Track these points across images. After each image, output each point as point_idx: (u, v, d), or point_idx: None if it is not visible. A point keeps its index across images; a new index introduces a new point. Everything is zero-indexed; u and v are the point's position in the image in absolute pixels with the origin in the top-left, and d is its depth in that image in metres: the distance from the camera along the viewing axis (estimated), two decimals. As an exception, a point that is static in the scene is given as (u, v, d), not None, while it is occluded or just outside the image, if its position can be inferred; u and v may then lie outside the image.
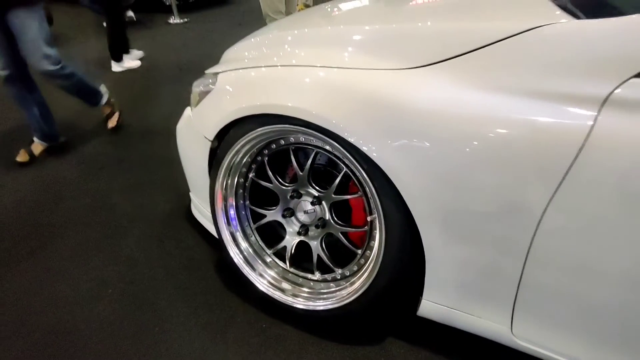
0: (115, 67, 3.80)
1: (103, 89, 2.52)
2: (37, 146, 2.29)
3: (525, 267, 0.92)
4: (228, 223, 1.31)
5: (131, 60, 3.86)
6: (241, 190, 1.30)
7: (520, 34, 0.85)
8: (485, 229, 0.92)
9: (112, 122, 2.53)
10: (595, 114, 0.75)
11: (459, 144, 0.87)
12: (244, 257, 1.31)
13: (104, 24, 5.20)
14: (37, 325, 1.33)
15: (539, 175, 0.81)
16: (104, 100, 2.50)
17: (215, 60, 1.49)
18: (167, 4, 5.61)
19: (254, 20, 5.24)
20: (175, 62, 3.96)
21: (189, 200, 1.68)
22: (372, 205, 1.05)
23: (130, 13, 5.39)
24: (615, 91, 0.74)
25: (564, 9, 0.92)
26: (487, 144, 0.85)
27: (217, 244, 1.50)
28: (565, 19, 0.85)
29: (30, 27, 1.95)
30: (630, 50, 0.74)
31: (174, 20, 5.50)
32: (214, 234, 1.45)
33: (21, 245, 1.68)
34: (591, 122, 0.75)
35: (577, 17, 0.86)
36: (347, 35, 1.13)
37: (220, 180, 1.24)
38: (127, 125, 2.65)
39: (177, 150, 1.52)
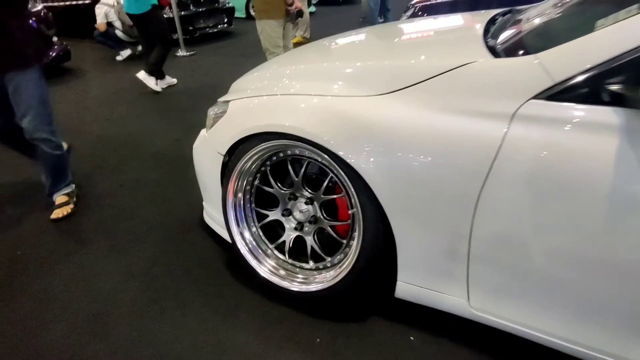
0: (153, 85, 4.24)
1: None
2: None
3: (470, 245, 1.18)
4: (237, 222, 1.58)
5: (170, 78, 4.44)
6: (248, 196, 1.58)
7: (456, 68, 1.14)
8: (438, 216, 1.18)
9: (57, 214, 2.15)
10: (507, 124, 1.03)
11: (414, 151, 1.15)
12: (249, 249, 1.58)
13: (116, 58, 5.63)
14: (77, 311, 1.58)
15: (471, 171, 1.08)
16: (69, 190, 2.26)
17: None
18: (175, 37, 6.03)
19: (255, 52, 5.64)
20: (184, 91, 4.31)
21: (201, 210, 1.96)
22: (353, 202, 1.32)
23: (140, 47, 5.80)
24: (520, 108, 1.03)
25: (491, 49, 1.22)
26: (434, 150, 1.13)
27: (227, 246, 1.77)
28: (489, 57, 1.15)
29: (25, 88, 1.90)
30: (528, 79, 1.03)
31: (181, 53, 5.91)
32: (225, 237, 1.72)
33: (58, 250, 1.94)
34: (505, 130, 1.03)
35: (498, 56, 1.16)
36: (332, 71, 1.44)
37: (232, 182, 1.52)
38: (142, 147, 2.95)
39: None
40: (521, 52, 1.14)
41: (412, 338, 1.42)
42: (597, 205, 0.96)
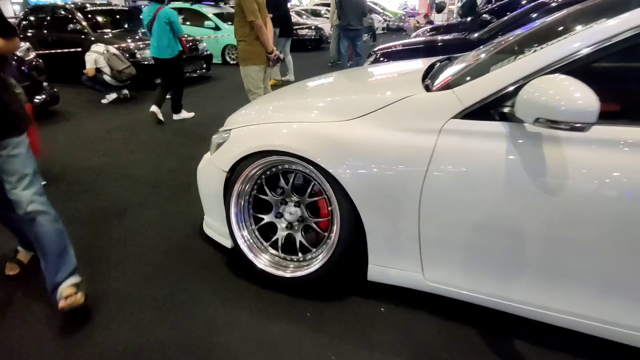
0: (175, 117, 5.13)
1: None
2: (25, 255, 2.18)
3: (419, 227, 1.59)
4: (238, 225, 1.95)
5: (185, 113, 5.20)
6: (247, 204, 1.96)
7: (402, 99, 1.61)
8: (395, 207, 1.60)
9: (66, 302, 1.76)
10: (437, 137, 1.49)
11: (375, 159, 1.58)
12: (248, 246, 1.94)
13: (102, 101, 5.97)
14: (104, 305, 1.86)
15: (414, 171, 1.51)
16: (74, 281, 1.84)
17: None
18: (158, 82, 6.45)
19: (233, 94, 6.16)
20: (171, 129, 4.68)
21: (200, 225, 2.31)
22: (331, 201, 1.72)
23: (125, 91, 6.19)
24: (444, 125, 1.49)
25: (426, 87, 1.71)
26: (389, 156, 1.56)
27: (226, 252, 2.12)
28: (423, 92, 1.63)
29: (19, 156, 1.74)
30: (448, 105, 1.49)
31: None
32: (224, 244, 2.08)
33: (78, 259, 2.20)
34: (435, 141, 1.49)
35: (430, 91, 1.64)
36: (308, 104, 1.89)
37: (237, 186, 1.89)
38: (140, 177, 3.28)
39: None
40: (445, 87, 1.62)
41: (382, 309, 1.80)
42: (499, 189, 1.40)
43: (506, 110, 1.40)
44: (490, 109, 1.43)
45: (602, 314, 1.43)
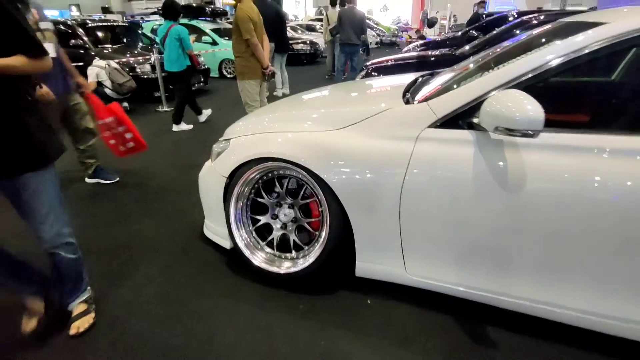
0: (175, 128, 5.32)
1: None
2: None
3: (400, 225, 1.78)
4: (237, 226, 2.12)
5: (185, 125, 5.35)
6: (245, 207, 2.14)
7: (384, 111, 1.81)
8: (378, 207, 1.78)
9: (77, 327, 1.82)
10: (414, 144, 1.68)
11: (361, 164, 1.77)
12: (245, 245, 2.12)
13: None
14: (114, 302, 2.02)
15: (395, 175, 1.71)
16: (85, 296, 1.93)
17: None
18: (157, 95, 6.67)
19: (230, 107, 6.36)
20: (170, 140, 4.87)
21: (200, 228, 2.47)
22: (322, 203, 1.90)
23: (125, 103, 6.38)
24: (420, 133, 1.69)
25: (406, 101, 1.91)
26: (372, 161, 1.75)
27: (225, 252, 2.29)
28: (402, 105, 1.83)
29: (45, 190, 1.62)
30: (424, 116, 1.70)
31: (163, 108, 6.52)
32: (223, 245, 2.25)
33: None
34: (412, 148, 1.68)
35: (409, 103, 1.85)
36: (302, 116, 2.08)
37: (236, 189, 2.06)
38: (143, 185, 3.45)
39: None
40: (422, 101, 1.83)
41: (369, 301, 1.97)
42: (468, 188, 1.60)
43: (473, 120, 1.60)
44: (459, 119, 1.63)
45: (571, 302, 1.59)
